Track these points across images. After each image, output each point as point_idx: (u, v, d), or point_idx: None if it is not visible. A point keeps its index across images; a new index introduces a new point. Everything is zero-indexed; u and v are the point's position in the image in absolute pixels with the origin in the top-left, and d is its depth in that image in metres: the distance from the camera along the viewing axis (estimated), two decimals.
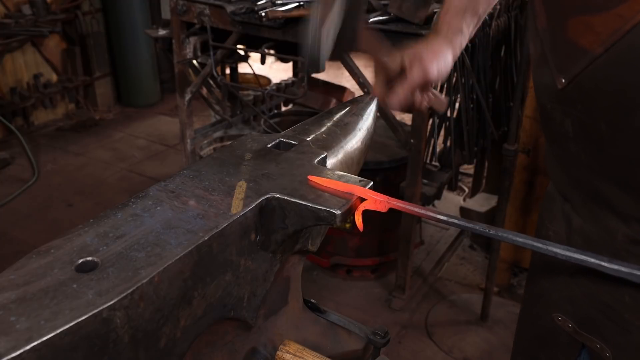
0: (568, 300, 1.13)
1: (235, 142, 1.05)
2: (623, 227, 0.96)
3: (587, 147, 0.96)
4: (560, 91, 0.95)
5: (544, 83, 1.01)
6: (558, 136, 1.02)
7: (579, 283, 1.09)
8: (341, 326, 1.13)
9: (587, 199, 1.03)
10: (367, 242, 3.07)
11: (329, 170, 0.96)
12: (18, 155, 4.46)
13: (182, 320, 0.74)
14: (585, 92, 0.91)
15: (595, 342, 1.08)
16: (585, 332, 1.10)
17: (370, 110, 1.27)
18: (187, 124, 3.33)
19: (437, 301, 3.04)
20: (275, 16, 2.54)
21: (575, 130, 0.97)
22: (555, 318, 1.16)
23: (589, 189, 1.00)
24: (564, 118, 0.98)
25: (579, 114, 0.94)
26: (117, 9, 5.13)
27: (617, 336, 1.04)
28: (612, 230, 0.99)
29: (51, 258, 0.69)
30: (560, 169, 1.08)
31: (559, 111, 0.99)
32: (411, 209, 0.90)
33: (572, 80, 0.92)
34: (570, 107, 0.95)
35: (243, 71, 4.43)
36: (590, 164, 0.97)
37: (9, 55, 4.71)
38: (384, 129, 2.92)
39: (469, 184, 4.01)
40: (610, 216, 0.98)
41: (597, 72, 0.87)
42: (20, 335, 0.56)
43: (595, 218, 1.02)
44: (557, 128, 1.01)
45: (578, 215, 1.08)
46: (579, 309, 1.11)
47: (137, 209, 0.80)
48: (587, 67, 0.88)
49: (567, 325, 1.14)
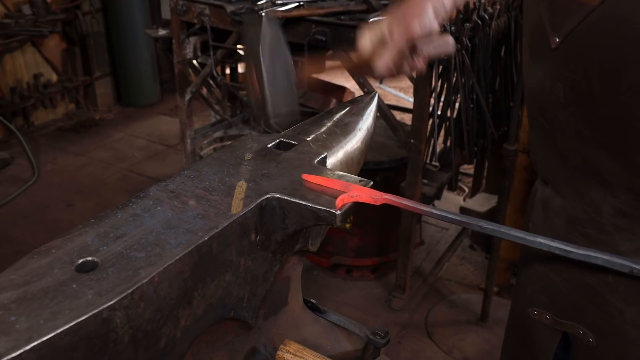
0: (544, 291, 1.14)
1: (235, 142, 1.05)
2: (610, 198, 0.97)
3: (577, 112, 0.96)
4: (554, 51, 0.95)
5: (537, 48, 1.02)
6: (547, 107, 1.03)
7: (557, 269, 1.09)
8: (341, 326, 1.13)
9: (573, 174, 1.03)
10: (367, 242, 3.07)
11: (329, 170, 0.96)
12: (18, 155, 4.46)
13: (182, 320, 0.74)
14: (579, 48, 0.92)
15: (577, 329, 1.09)
16: (566, 319, 1.10)
17: (370, 110, 1.27)
18: (187, 124, 3.33)
19: (437, 301, 3.04)
20: (275, 16, 2.54)
21: (566, 95, 0.97)
22: (531, 312, 1.16)
23: (576, 161, 1.01)
24: (555, 83, 0.98)
25: (572, 75, 0.94)
26: (117, 9, 5.13)
27: (600, 320, 1.05)
28: (597, 204, 0.99)
29: (51, 258, 0.69)
30: (547, 145, 1.08)
31: (550, 77, 0.99)
32: (405, 204, 0.90)
33: (566, 36, 0.92)
34: (563, 68, 0.96)
35: (243, 71, 4.43)
36: (579, 130, 0.97)
37: (9, 55, 4.71)
38: (384, 129, 2.92)
39: (469, 184, 4.01)
40: (597, 189, 0.99)
41: (592, 25, 0.88)
42: (20, 335, 0.56)
43: (579, 194, 1.02)
44: (547, 97, 1.01)
45: (559, 196, 1.08)
46: (557, 297, 1.11)
47: (137, 209, 0.80)
48: (583, 21, 0.89)
49: (544, 317, 1.14)
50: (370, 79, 1.32)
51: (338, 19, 2.50)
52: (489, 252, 2.94)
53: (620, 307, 1.01)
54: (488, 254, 3.05)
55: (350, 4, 2.64)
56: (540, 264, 1.14)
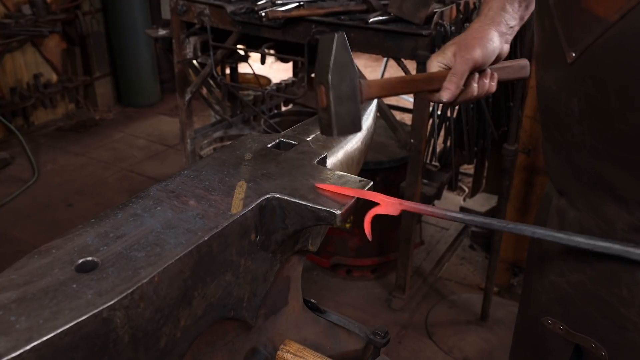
0: (558, 302, 1.13)
1: (235, 142, 1.05)
2: (624, 214, 0.96)
3: (592, 127, 0.95)
4: (570, 65, 0.94)
5: (552, 60, 1.01)
6: (561, 120, 1.02)
7: (571, 282, 1.09)
8: (341, 326, 1.13)
9: (587, 188, 1.02)
10: (367, 242, 3.07)
11: (329, 170, 0.96)
12: (18, 155, 4.46)
13: (182, 320, 0.74)
14: (596, 63, 0.90)
15: (590, 342, 1.08)
16: (580, 332, 1.10)
17: (370, 110, 1.27)
18: (187, 124, 3.33)
19: (437, 301, 3.04)
20: (275, 16, 2.54)
21: (581, 109, 0.96)
22: (545, 322, 1.15)
23: (590, 175, 1.00)
24: (570, 97, 0.97)
25: (588, 90, 0.93)
26: (117, 9, 5.13)
27: (613, 334, 1.04)
28: (611, 219, 0.99)
29: (51, 258, 0.69)
30: (560, 159, 1.08)
31: (565, 90, 0.98)
32: (425, 210, 0.90)
33: (583, 51, 0.91)
34: (578, 83, 0.95)
35: (243, 71, 4.43)
36: (594, 145, 0.96)
37: (9, 55, 4.71)
38: (384, 129, 2.92)
39: (469, 184, 4.01)
40: (610, 204, 0.98)
41: (610, 40, 0.87)
42: (21, 335, 0.56)
43: (593, 208, 1.02)
44: (562, 110, 1.00)
45: (574, 208, 1.07)
46: (571, 309, 1.10)
47: (138, 209, 0.80)
48: (600, 36, 0.88)
49: (558, 327, 1.13)
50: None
51: (338, 19, 2.50)
52: (489, 252, 2.94)
53: (636, 320, 1.00)
54: (488, 254, 3.05)
55: (350, 4, 2.64)
56: (555, 275, 1.12)
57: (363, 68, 2.51)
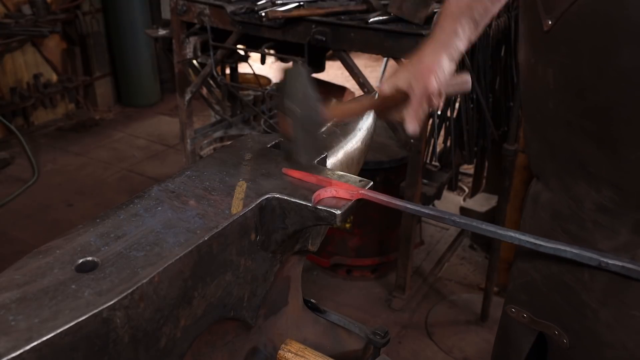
0: (523, 289, 1.14)
1: (235, 142, 1.05)
2: (592, 193, 0.98)
3: (566, 99, 0.97)
4: (546, 34, 0.96)
5: (531, 33, 1.03)
6: (539, 95, 1.04)
7: (538, 267, 1.10)
8: (341, 326, 1.13)
9: (561, 166, 1.04)
10: (367, 242, 3.07)
11: (329, 170, 0.96)
12: (18, 155, 4.46)
13: (182, 320, 0.74)
14: (571, 29, 0.92)
15: (553, 329, 1.09)
16: (543, 319, 1.11)
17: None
18: (187, 124, 3.33)
19: (437, 301, 3.04)
20: (275, 16, 2.54)
21: (556, 80, 0.97)
22: (509, 310, 1.17)
23: (565, 152, 1.01)
24: (546, 69, 0.99)
25: (562, 59, 0.95)
26: (117, 9, 5.13)
27: (574, 322, 1.05)
28: (580, 199, 1.00)
29: (51, 258, 0.69)
30: (539, 139, 1.09)
31: (542, 62, 1.00)
32: (380, 199, 0.92)
33: (559, 18, 0.92)
34: (554, 51, 0.96)
35: (243, 71, 4.43)
36: (568, 119, 0.98)
37: (9, 55, 4.71)
38: (384, 129, 2.92)
39: (469, 184, 4.01)
40: (581, 182, 0.99)
41: (585, 6, 0.88)
42: (21, 335, 0.56)
43: (565, 188, 1.04)
44: (539, 84, 1.02)
45: (548, 189, 1.09)
46: (536, 295, 1.11)
47: (138, 209, 0.80)
48: (575, 2, 0.89)
49: (521, 316, 1.15)
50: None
51: (338, 19, 2.50)
52: (489, 252, 2.94)
53: (595, 307, 1.01)
54: (488, 254, 3.05)
55: (350, 4, 2.64)
56: (522, 261, 1.15)
57: (363, 68, 2.51)
